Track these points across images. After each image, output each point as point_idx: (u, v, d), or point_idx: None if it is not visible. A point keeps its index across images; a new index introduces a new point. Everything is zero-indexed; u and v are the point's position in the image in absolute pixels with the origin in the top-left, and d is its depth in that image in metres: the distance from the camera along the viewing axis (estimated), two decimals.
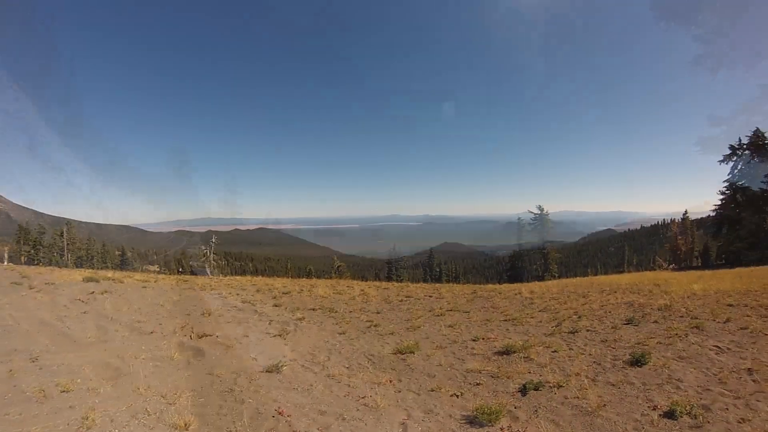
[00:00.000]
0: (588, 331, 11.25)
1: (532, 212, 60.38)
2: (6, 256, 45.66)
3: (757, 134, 50.49)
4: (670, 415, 5.74)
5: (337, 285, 25.95)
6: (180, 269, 65.00)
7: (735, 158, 52.57)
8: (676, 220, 69.58)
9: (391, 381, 7.86)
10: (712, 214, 55.21)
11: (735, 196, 50.81)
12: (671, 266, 59.56)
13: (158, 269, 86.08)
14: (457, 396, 7.05)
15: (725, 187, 52.97)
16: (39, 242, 61.39)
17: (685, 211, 68.96)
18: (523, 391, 7.10)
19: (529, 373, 8.11)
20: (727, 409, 5.83)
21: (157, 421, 5.68)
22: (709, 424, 5.44)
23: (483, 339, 11.12)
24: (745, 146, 51.65)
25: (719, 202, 53.33)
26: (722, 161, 53.40)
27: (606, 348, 9.47)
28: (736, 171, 52.36)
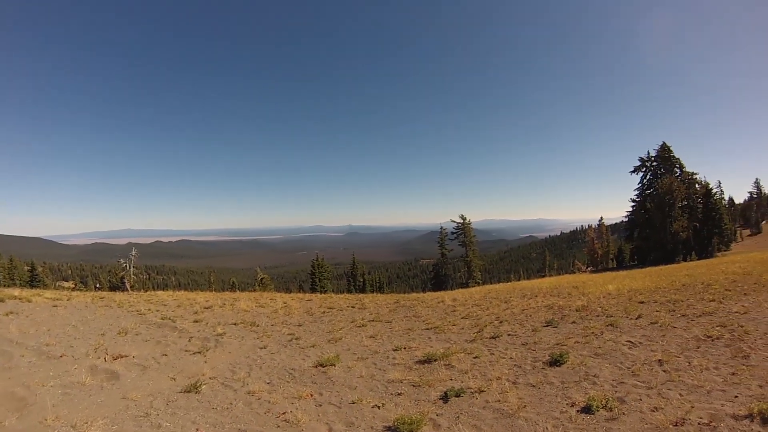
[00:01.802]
0: (509, 335, 11.79)
1: (455, 221, 62.66)
2: None
3: (663, 147, 57.53)
4: (587, 410, 6.10)
5: (260, 298, 25.60)
6: (97, 285, 60.24)
7: (644, 169, 59.32)
8: (593, 226, 76.21)
9: (311, 395, 7.84)
10: (625, 219, 61.43)
11: (644, 202, 56.99)
12: (589, 269, 65.03)
13: (73, 285, 78.93)
14: (379, 407, 7.07)
15: (636, 194, 59.36)
16: None
17: (601, 218, 75.94)
18: (445, 398, 7.22)
19: (451, 380, 8.30)
20: (640, 399, 6.31)
21: None
22: (624, 415, 5.84)
23: (405, 348, 11.32)
24: (653, 158, 58.47)
25: (631, 209, 59.61)
26: (633, 172, 60.13)
27: (526, 351, 9.97)
28: (645, 180, 58.94)
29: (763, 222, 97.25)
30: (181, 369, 9.68)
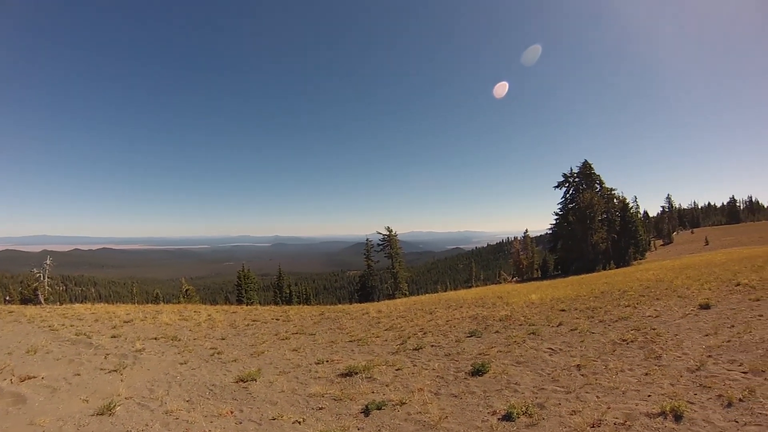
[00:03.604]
0: (432, 346, 12.02)
1: (381, 233, 63.32)
2: None
3: (585, 165, 62.35)
4: (508, 417, 6.32)
5: (184, 310, 24.72)
6: (7, 298, 54.57)
7: (567, 184, 63.75)
8: (518, 238, 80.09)
9: (232, 412, 7.71)
10: (549, 231, 65.40)
11: (567, 215, 61.04)
12: (514, 279, 68.19)
13: None
14: (300, 422, 7.03)
15: (559, 208, 63.50)
16: None
17: (526, 230, 79.99)
18: (366, 411, 7.24)
19: (373, 393, 8.31)
20: (559, 404, 6.64)
21: None
22: (544, 420, 6.12)
23: (327, 361, 11.32)
24: (575, 174, 63.02)
25: (554, 221, 63.60)
26: (557, 186, 64.54)
27: (449, 361, 10.20)
28: (568, 195, 63.30)
29: (674, 233, 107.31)
30: (95, 389, 9.24)
